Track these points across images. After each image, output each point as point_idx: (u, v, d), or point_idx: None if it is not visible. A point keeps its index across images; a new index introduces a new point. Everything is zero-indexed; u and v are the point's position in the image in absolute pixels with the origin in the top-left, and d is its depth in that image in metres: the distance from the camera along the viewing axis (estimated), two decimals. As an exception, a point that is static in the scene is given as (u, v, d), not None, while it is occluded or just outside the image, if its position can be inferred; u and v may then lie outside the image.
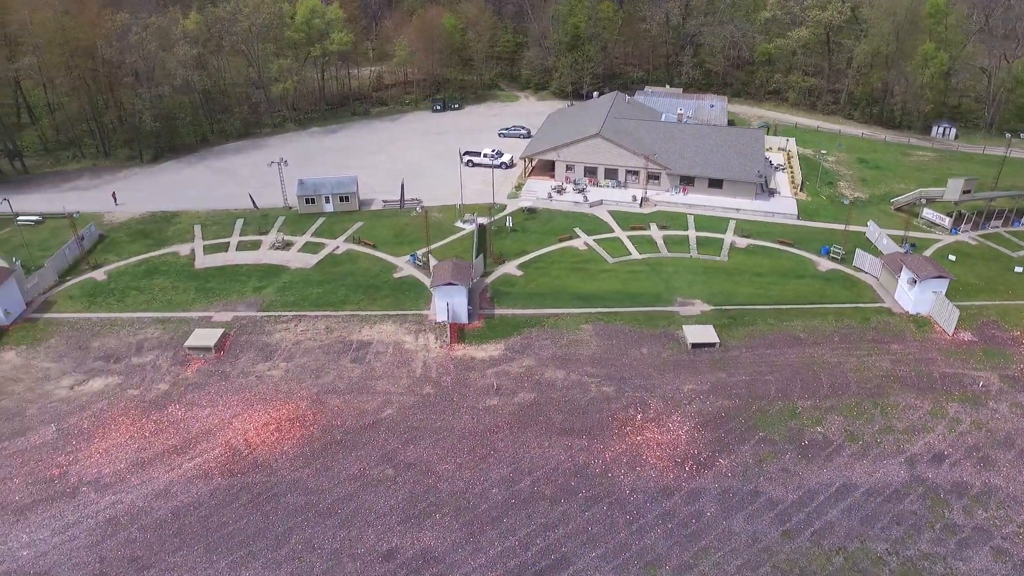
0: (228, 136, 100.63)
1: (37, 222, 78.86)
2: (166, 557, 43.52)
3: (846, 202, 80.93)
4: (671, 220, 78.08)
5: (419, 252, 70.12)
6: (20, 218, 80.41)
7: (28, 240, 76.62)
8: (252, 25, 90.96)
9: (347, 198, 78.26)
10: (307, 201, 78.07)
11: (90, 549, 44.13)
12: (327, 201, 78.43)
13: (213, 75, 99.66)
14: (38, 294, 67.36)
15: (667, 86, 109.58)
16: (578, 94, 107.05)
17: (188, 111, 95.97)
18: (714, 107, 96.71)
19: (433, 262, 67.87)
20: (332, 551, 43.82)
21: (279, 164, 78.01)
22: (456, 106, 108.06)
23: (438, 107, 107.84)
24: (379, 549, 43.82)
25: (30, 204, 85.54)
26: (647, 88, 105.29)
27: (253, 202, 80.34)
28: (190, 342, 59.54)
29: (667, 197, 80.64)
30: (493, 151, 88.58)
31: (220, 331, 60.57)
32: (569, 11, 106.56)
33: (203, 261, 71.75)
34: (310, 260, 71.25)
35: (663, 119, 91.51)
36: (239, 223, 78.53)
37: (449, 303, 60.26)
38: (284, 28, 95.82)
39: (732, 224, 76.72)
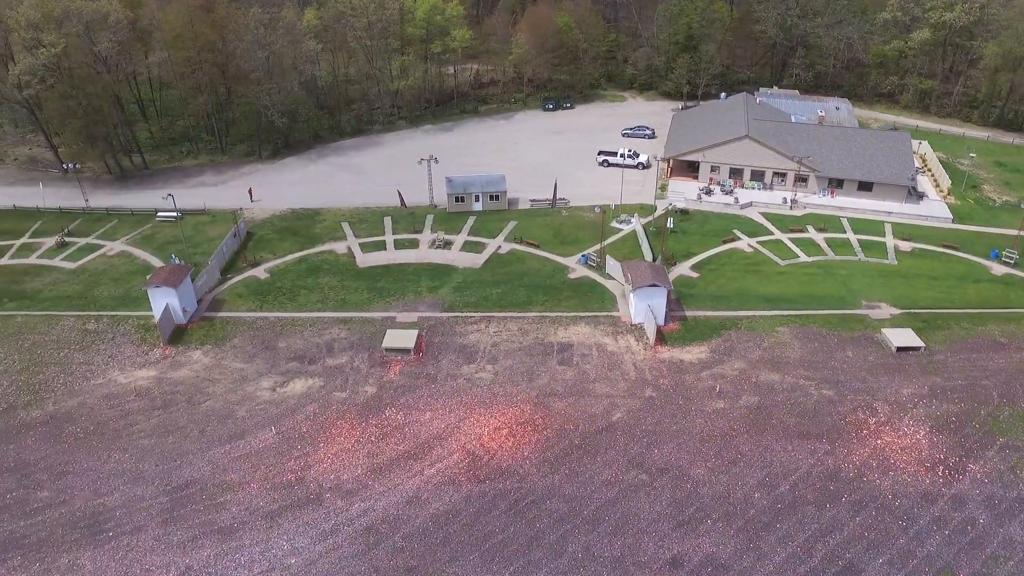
0: (342, 133, 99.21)
1: (177, 218, 77.10)
2: (442, 567, 42.15)
3: (996, 205, 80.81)
4: (825, 223, 77.15)
5: (591, 252, 69.19)
6: (160, 214, 78.63)
7: (173, 237, 74.47)
8: (376, 21, 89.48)
9: (497, 197, 77.00)
10: (456, 199, 76.72)
11: (360, 558, 42.71)
12: (476, 200, 77.14)
13: (327, 71, 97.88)
14: (206, 292, 65.94)
15: (773, 87, 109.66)
16: (692, 95, 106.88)
17: (308, 107, 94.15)
18: (840, 109, 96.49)
19: (611, 263, 66.70)
20: (614, 559, 42.62)
21: (428, 161, 76.65)
22: (568, 105, 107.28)
23: (550, 106, 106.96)
24: (662, 556, 42.73)
25: (158, 200, 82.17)
26: (762, 89, 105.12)
27: (401, 200, 78.91)
28: (387, 343, 58.13)
29: (815, 199, 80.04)
30: (630, 151, 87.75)
31: (414, 332, 59.40)
32: (680, 11, 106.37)
33: (364, 259, 70.30)
34: (476, 260, 70.07)
35: (793, 120, 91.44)
36: (387, 221, 77.10)
37: (650, 305, 59.31)
38: (405, 24, 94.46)
39: (888, 227, 76.14)
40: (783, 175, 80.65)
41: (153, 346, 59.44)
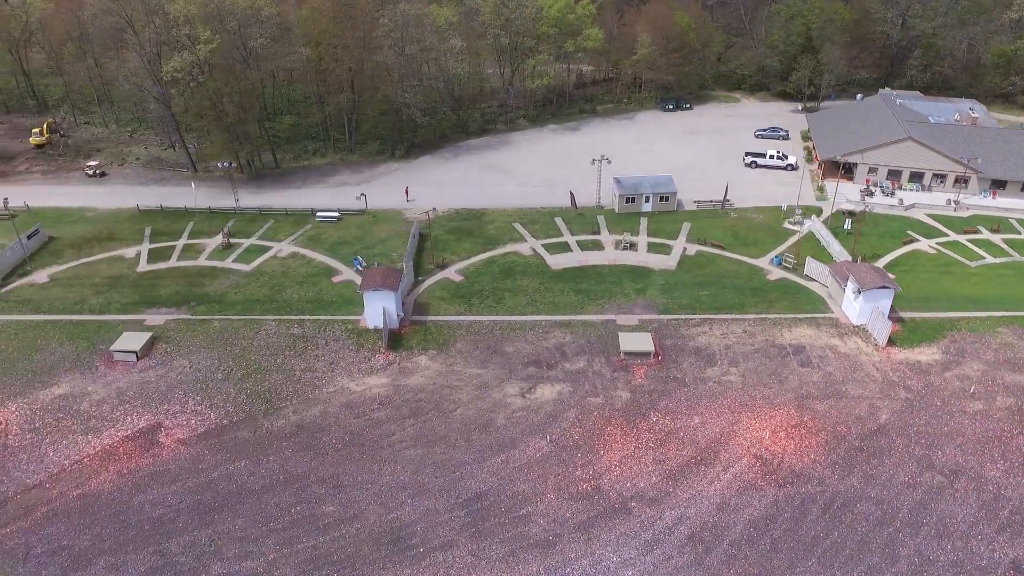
0: (467, 132, 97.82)
1: (337, 219, 74.95)
2: (784, 573, 41.59)
3: None
4: (992, 223, 77.39)
5: (787, 254, 68.88)
6: (319, 214, 76.55)
7: (339, 237, 72.81)
8: (515, 18, 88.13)
9: (666, 198, 76.47)
10: (627, 200, 76.07)
11: (696, 567, 41.45)
12: (646, 200, 76.53)
13: (465, 69, 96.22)
14: (406, 295, 64.07)
15: (885, 87, 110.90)
16: (812, 97, 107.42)
17: (445, 106, 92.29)
18: (974, 111, 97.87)
19: (813, 265, 65.86)
20: (952, 563, 42.13)
21: (599, 162, 75.90)
22: (687, 106, 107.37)
23: (670, 107, 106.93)
24: (1001, 560, 42.19)
25: (299, 199, 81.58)
26: (886, 90, 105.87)
27: (573, 201, 78.11)
28: (625, 347, 56.99)
29: (975, 200, 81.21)
30: (779, 153, 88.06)
31: (648, 335, 58.46)
32: (795, 12, 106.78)
33: (555, 261, 69.09)
34: (668, 261, 69.33)
35: (932, 122, 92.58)
36: (559, 222, 76.17)
37: (876, 307, 59.33)
38: (539, 23, 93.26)
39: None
40: (943, 177, 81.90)
41: (373, 351, 57.86)
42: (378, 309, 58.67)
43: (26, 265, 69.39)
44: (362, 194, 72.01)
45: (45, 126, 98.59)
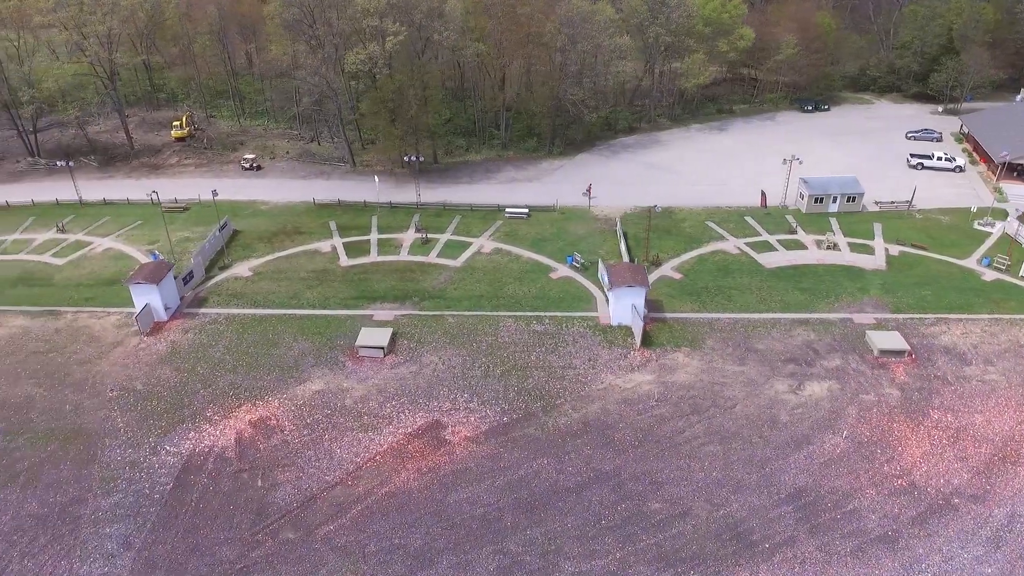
0: (615, 131, 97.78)
1: (527, 215, 74.67)
2: None
3: None
4: None
5: (996, 255, 68.70)
6: (508, 210, 76.20)
7: (537, 234, 72.59)
8: (676, 17, 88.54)
9: (853, 198, 76.88)
10: (816, 200, 76.54)
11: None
12: (833, 201, 77.02)
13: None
14: (633, 292, 63.93)
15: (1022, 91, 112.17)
16: (953, 98, 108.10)
17: (608, 104, 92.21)
18: None
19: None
20: None
21: (790, 162, 76.43)
22: (826, 107, 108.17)
23: (809, 107, 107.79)
24: None
25: (473, 195, 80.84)
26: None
27: (763, 201, 78.40)
28: (881, 345, 56.83)
29: None
30: (946, 155, 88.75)
31: (897, 333, 58.40)
32: (934, 13, 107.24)
33: (766, 260, 69.06)
34: (875, 261, 69.29)
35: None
36: (751, 220, 76.37)
37: (1122, 306, 60.00)
38: (694, 21, 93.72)
39: None
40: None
41: (625, 348, 57.56)
42: (627, 306, 58.64)
43: (224, 258, 68.88)
44: (589, 186, 73.81)
45: (184, 119, 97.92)
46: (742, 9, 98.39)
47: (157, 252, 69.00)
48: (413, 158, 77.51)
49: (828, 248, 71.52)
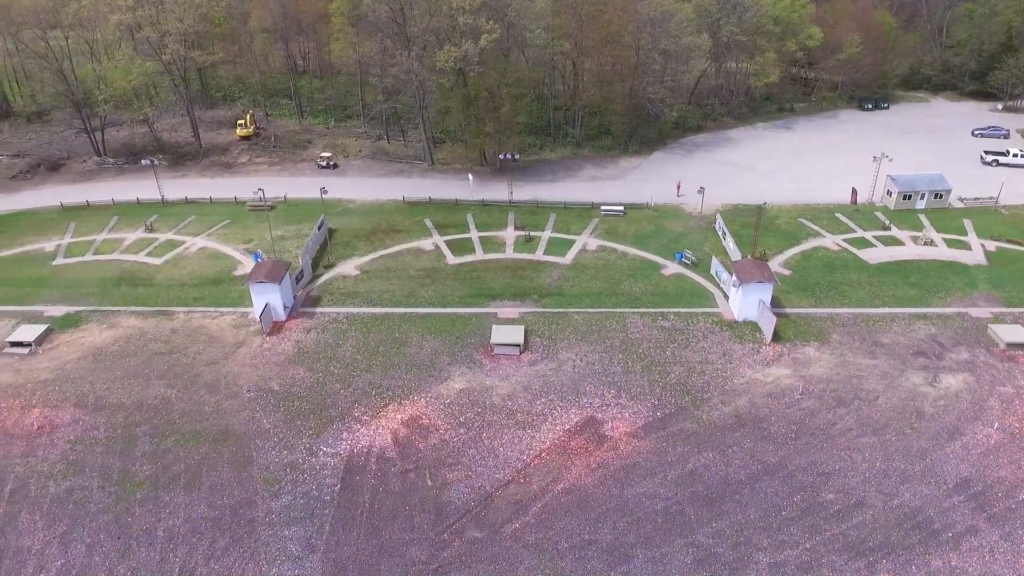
0: (683, 129, 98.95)
1: (622, 212, 75.23)
2: None
3: None
4: None
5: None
6: (604, 208, 76.82)
7: (637, 231, 73.09)
8: (751, 16, 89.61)
9: (941, 195, 78.65)
10: (904, 197, 78.15)
11: None
12: (921, 198, 78.72)
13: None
14: (749, 288, 64.75)
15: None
16: (1013, 95, 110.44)
17: (686, 102, 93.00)
18: None
19: None
20: None
21: (879, 159, 77.99)
22: (885, 105, 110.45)
23: (869, 105, 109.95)
24: None
25: (559, 192, 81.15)
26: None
27: (854, 197, 79.71)
28: (1008, 339, 58.01)
29: None
30: (1021, 151, 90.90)
31: (1020, 327, 60.18)
32: (993, 11, 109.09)
33: (869, 256, 70.30)
34: (975, 257, 70.85)
35: None
36: (841, 217, 77.58)
37: None
38: (764, 20, 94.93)
39: None
40: None
41: (754, 343, 58.23)
42: (753, 302, 59.42)
43: (327, 257, 68.37)
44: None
45: (248, 117, 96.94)
46: (810, 8, 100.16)
47: (260, 252, 68.66)
48: (507, 156, 77.86)
49: (924, 244, 73.36)
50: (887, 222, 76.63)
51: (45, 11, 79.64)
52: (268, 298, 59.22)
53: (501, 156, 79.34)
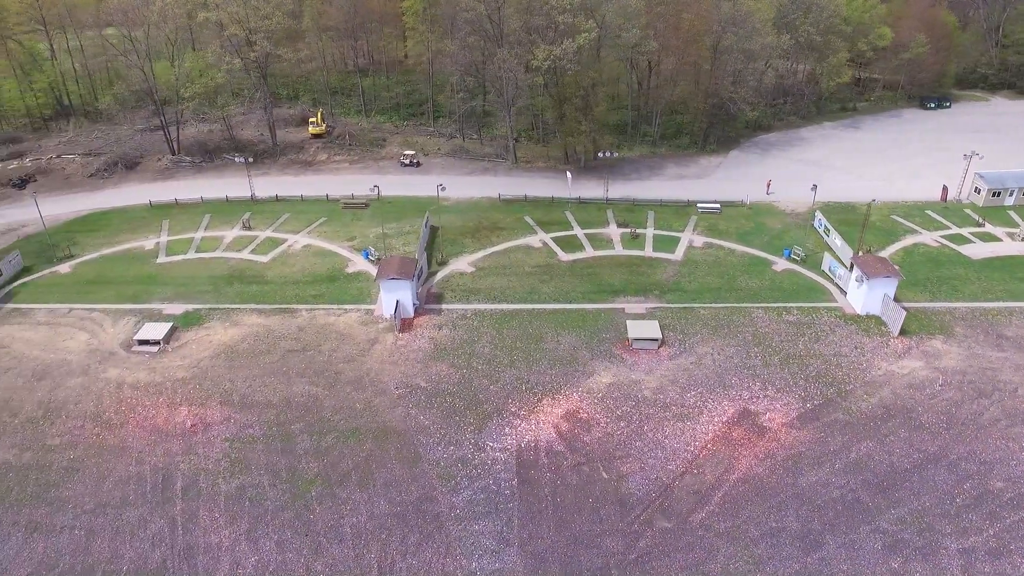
0: (753, 128, 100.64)
1: (718, 210, 76.70)
2: None
3: None
4: None
5: None
6: (701, 205, 78.33)
7: (738, 228, 74.82)
8: (826, 16, 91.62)
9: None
10: (993, 194, 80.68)
11: None
12: (1010, 195, 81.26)
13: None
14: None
15: None
16: None
17: (765, 101, 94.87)
18: None
19: None
20: None
21: (970, 157, 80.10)
22: (948, 104, 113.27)
23: (932, 104, 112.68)
24: None
25: (649, 190, 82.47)
26: None
27: (944, 194, 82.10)
28: None
29: None
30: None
31: None
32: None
33: (970, 252, 72.35)
34: (1078, 252, 74.28)
35: None
36: (932, 214, 79.74)
37: None
38: (838, 21, 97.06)
39: None
40: None
41: (882, 336, 59.78)
42: (878, 296, 61.12)
43: (438, 254, 68.95)
44: (815, 185, 77.01)
45: (320, 115, 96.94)
46: (881, 9, 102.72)
47: (370, 249, 69.08)
48: (606, 153, 79.30)
49: (1022, 240, 76.07)
50: (980, 219, 79.29)
51: (133, 8, 79.67)
52: (399, 295, 59.89)
53: (600, 153, 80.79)
